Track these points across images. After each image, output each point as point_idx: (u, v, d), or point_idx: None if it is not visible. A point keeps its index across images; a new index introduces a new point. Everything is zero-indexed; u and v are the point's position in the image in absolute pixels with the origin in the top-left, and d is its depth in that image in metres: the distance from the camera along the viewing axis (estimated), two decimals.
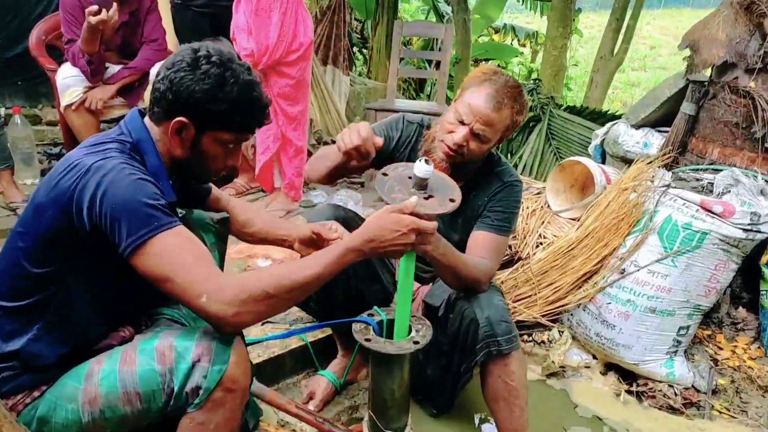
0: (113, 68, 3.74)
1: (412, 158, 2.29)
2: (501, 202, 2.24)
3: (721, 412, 2.76)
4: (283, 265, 1.62)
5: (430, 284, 2.49)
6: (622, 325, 2.78)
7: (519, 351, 2.10)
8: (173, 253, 1.40)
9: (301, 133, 3.91)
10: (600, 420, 2.68)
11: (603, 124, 4.05)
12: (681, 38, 3.22)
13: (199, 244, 1.47)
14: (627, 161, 3.48)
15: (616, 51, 7.65)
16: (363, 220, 2.38)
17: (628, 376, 2.91)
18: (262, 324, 2.73)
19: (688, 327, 2.81)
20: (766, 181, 2.85)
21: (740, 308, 3.06)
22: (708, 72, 3.20)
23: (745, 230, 2.70)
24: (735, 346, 2.96)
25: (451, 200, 1.78)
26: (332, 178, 2.17)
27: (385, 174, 1.82)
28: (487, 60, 10.33)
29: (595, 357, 2.98)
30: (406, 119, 2.32)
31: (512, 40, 12.16)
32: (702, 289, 2.75)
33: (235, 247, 3.39)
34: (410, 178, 1.79)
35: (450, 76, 7.49)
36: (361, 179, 5.21)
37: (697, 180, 3.02)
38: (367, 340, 1.81)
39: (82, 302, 1.53)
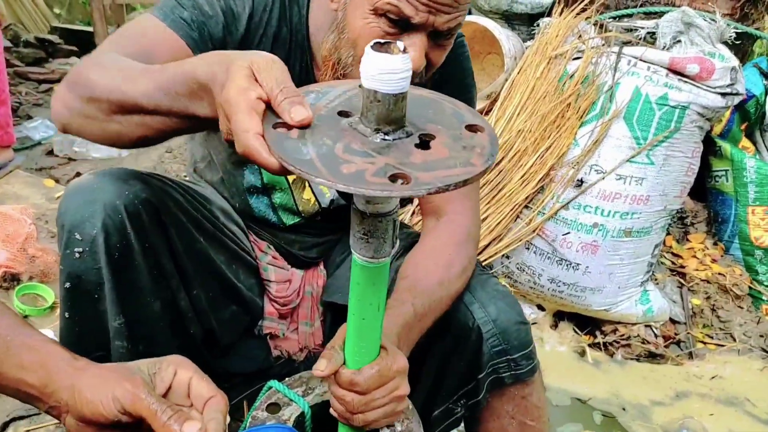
0: None
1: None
2: (456, 89, 1.10)
3: (705, 343, 2.09)
4: None
5: (320, 267, 1.34)
6: (588, 261, 1.89)
7: (539, 371, 1.13)
8: None
9: None
10: (583, 402, 1.84)
11: None
12: None
13: None
14: (512, 18, 2.47)
15: None
16: (199, 198, 1.14)
17: (584, 323, 2.09)
18: None
19: (662, 242, 2.02)
20: (727, 23, 2.05)
21: None
22: None
23: (724, 95, 1.90)
24: (691, 249, 2.29)
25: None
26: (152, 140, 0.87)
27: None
28: None
29: (541, 308, 2.09)
30: None
31: None
32: (678, 188, 1.95)
33: None
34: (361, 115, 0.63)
35: None
36: None
37: (629, 30, 2.13)
38: None
39: None
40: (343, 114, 0.63)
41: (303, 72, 1.06)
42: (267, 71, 0.64)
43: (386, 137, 0.60)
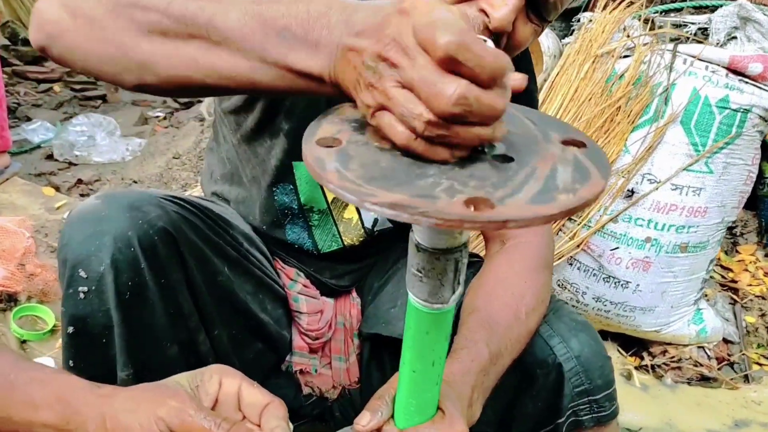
0: None
1: None
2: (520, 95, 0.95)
3: (761, 365, 1.93)
4: None
5: (353, 294, 1.18)
6: (639, 279, 1.73)
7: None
8: None
9: None
10: None
11: None
12: None
13: None
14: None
15: None
16: (220, 221, 0.97)
17: (630, 343, 1.93)
18: None
19: (716, 257, 1.86)
20: None
21: None
22: None
23: None
24: (741, 261, 2.12)
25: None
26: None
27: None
28: None
29: None
30: None
31: None
32: (737, 198, 1.78)
33: None
34: None
35: None
36: (99, 90, 3.42)
37: (678, 26, 1.96)
38: None
39: None
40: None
41: None
42: None
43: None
